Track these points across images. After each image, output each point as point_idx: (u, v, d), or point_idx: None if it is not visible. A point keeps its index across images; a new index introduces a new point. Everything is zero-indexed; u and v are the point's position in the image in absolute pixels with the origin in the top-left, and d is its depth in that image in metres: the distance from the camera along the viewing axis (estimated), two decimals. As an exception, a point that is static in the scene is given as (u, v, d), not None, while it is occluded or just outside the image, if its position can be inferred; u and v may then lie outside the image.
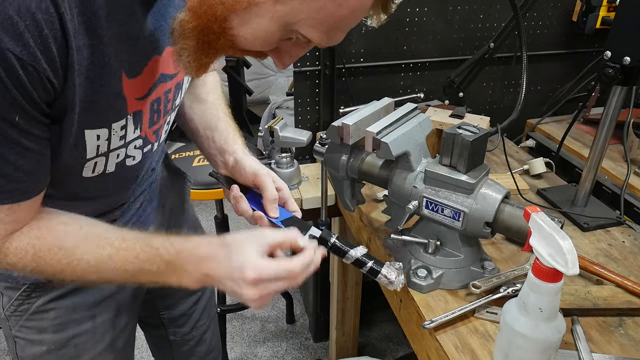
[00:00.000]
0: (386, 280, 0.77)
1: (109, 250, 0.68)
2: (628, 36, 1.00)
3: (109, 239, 0.69)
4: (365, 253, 0.78)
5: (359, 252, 0.77)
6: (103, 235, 0.70)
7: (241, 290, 0.67)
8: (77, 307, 0.87)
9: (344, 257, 0.78)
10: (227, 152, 0.90)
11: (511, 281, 0.92)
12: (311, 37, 0.61)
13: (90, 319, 0.89)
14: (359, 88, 1.73)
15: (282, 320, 2.28)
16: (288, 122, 1.47)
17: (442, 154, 0.89)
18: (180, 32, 0.61)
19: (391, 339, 2.17)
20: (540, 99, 1.95)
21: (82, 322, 0.88)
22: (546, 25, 1.84)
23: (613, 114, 1.10)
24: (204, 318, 1.18)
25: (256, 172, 0.84)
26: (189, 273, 0.69)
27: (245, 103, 3.89)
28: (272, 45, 0.63)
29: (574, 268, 0.61)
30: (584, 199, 1.21)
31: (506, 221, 0.84)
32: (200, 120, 0.95)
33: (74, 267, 0.68)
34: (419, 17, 1.68)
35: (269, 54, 0.66)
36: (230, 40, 0.62)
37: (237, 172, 0.88)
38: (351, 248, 0.77)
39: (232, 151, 0.90)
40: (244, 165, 0.86)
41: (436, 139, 1.40)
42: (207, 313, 1.20)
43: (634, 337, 0.86)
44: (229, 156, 0.89)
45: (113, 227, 0.72)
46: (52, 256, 0.67)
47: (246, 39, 0.61)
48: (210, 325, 1.21)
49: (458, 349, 0.83)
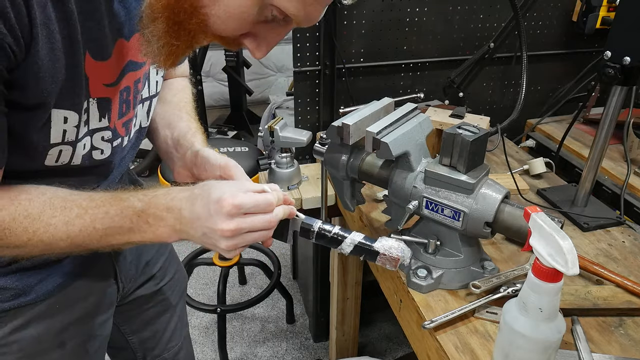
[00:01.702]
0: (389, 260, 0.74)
1: (77, 211, 0.65)
2: (628, 36, 1.00)
3: (75, 200, 0.66)
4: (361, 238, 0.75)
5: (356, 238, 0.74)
6: (69, 198, 0.67)
7: (216, 225, 0.63)
8: (44, 335, 0.80)
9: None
10: (184, 145, 0.85)
11: (511, 281, 0.92)
12: (287, 9, 0.58)
13: (59, 346, 0.82)
14: (359, 88, 1.73)
15: (282, 320, 2.28)
16: (288, 122, 1.47)
17: (442, 154, 0.89)
18: (150, 14, 0.59)
19: (391, 339, 2.17)
20: (540, 99, 1.95)
21: (50, 352, 0.81)
22: (546, 25, 1.84)
23: (613, 114, 1.10)
24: (175, 339, 1.13)
25: (225, 165, 0.77)
26: (164, 220, 0.66)
27: (245, 103, 3.90)
28: (248, 25, 0.61)
29: (574, 268, 0.61)
30: (584, 199, 1.21)
31: (506, 221, 0.84)
32: (161, 120, 0.91)
33: (41, 234, 0.64)
34: (419, 17, 1.68)
35: (244, 41, 0.64)
36: (203, 21, 0.59)
37: (200, 167, 0.81)
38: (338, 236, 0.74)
39: (190, 144, 0.85)
40: (206, 157, 0.80)
41: (436, 139, 1.40)
42: (179, 333, 1.14)
43: (634, 337, 0.86)
44: (186, 150, 0.84)
45: (78, 190, 0.69)
46: (17, 225, 0.63)
47: (219, 17, 0.59)
48: (182, 345, 1.16)
49: (458, 349, 0.83)
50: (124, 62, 0.70)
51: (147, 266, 1.01)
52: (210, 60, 4.13)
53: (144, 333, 1.07)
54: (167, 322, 1.10)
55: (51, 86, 0.60)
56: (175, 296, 1.10)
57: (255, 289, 2.46)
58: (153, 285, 1.03)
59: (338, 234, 0.74)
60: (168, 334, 1.11)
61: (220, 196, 0.64)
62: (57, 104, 0.62)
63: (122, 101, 0.74)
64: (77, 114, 0.65)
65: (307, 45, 1.60)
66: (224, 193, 0.64)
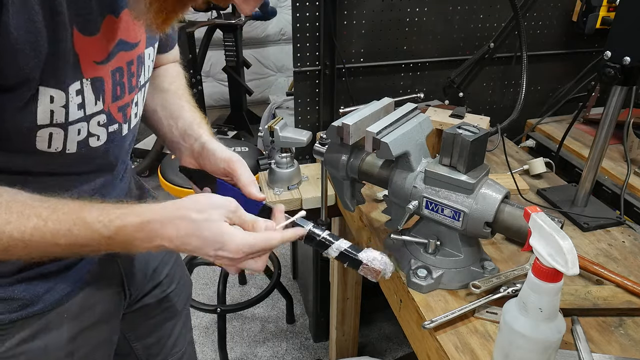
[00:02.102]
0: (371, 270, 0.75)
1: (35, 221, 0.61)
2: (628, 36, 1.00)
3: (36, 208, 0.62)
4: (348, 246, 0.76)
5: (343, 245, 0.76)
6: (29, 203, 0.62)
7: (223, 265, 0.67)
8: (52, 346, 0.77)
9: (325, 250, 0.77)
10: (192, 136, 0.85)
11: (511, 281, 0.92)
12: None
13: (68, 356, 0.80)
14: (359, 88, 1.73)
15: (282, 320, 2.28)
16: (288, 122, 1.47)
17: (442, 154, 0.89)
18: None
19: (391, 339, 2.17)
20: (540, 99, 1.95)
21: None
22: (546, 25, 1.84)
23: (613, 114, 1.10)
24: (179, 344, 1.11)
25: (229, 159, 0.79)
26: (137, 246, 0.65)
27: (245, 103, 3.90)
28: None
29: (574, 268, 0.61)
30: (584, 199, 1.21)
31: (506, 221, 0.84)
32: (163, 110, 0.90)
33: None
34: (419, 17, 1.68)
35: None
36: None
37: (205, 159, 0.82)
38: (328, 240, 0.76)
39: (198, 136, 0.85)
40: (212, 150, 0.81)
41: (436, 139, 1.40)
42: (183, 338, 1.12)
43: (634, 337, 0.86)
44: (194, 141, 0.85)
45: (39, 195, 0.64)
46: None
47: None
48: (186, 350, 1.14)
49: (458, 349, 0.83)
50: (114, 40, 0.68)
51: (155, 273, 0.99)
52: (210, 60, 4.13)
53: (149, 339, 1.05)
54: (171, 328, 1.08)
55: (33, 61, 0.58)
56: (181, 302, 1.08)
57: (255, 289, 2.46)
58: (160, 293, 1.01)
59: (326, 238, 0.76)
60: (172, 339, 1.09)
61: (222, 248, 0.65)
62: (42, 81, 0.60)
63: (116, 83, 0.71)
64: (63, 92, 0.62)
65: (307, 45, 1.60)
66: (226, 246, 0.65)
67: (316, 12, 1.56)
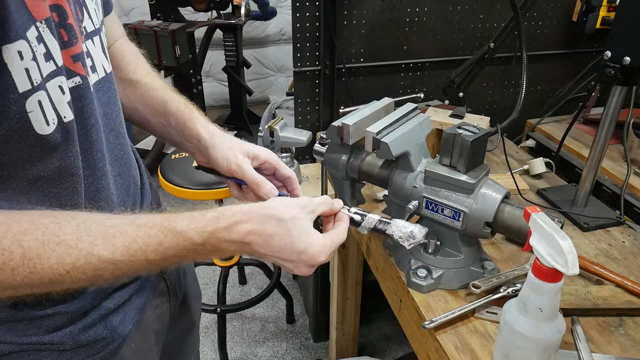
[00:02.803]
0: None
1: (122, 240, 0.57)
2: (628, 36, 1.00)
3: (117, 226, 0.57)
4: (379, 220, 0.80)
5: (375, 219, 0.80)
6: (107, 223, 0.57)
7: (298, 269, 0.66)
8: None
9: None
10: (192, 137, 0.82)
11: (511, 281, 0.92)
12: None
13: None
14: (359, 88, 1.73)
15: (282, 320, 2.28)
16: (288, 122, 1.47)
17: (442, 154, 0.89)
18: None
19: (391, 339, 2.17)
20: (540, 99, 1.95)
21: None
22: (546, 25, 1.84)
23: (613, 114, 1.10)
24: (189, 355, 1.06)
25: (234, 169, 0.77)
26: (224, 251, 0.64)
27: (245, 103, 3.90)
28: None
29: (574, 268, 0.61)
30: (584, 199, 1.21)
31: (506, 221, 0.84)
32: (144, 107, 0.83)
33: (83, 266, 0.55)
34: (419, 17, 1.68)
35: None
36: None
37: (215, 164, 0.80)
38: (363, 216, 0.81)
39: (197, 135, 0.81)
40: (215, 157, 0.78)
41: (436, 139, 1.40)
42: (192, 349, 1.07)
43: (634, 337, 0.86)
44: (196, 142, 0.81)
45: (109, 214, 0.60)
46: (48, 254, 0.52)
47: None
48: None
49: (458, 349, 0.83)
50: None
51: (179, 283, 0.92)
52: (210, 60, 4.13)
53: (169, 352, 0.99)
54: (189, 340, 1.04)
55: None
56: (198, 313, 1.04)
57: (255, 289, 2.46)
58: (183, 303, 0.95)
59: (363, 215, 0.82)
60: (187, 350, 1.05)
61: (306, 249, 0.65)
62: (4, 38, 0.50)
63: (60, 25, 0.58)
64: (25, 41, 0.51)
65: (307, 45, 1.61)
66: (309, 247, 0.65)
67: (316, 12, 1.56)
